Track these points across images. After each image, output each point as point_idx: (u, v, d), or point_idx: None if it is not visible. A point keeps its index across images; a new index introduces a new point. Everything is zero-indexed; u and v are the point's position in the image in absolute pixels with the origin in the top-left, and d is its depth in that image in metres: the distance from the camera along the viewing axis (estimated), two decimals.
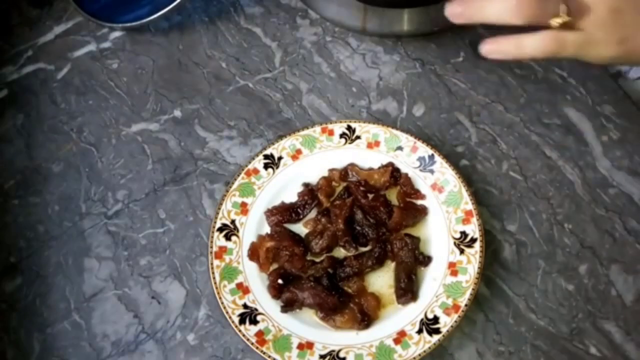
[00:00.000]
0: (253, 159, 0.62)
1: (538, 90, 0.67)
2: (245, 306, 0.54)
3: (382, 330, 0.52)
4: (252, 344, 0.51)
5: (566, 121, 0.65)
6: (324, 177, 0.61)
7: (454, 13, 0.45)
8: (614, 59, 0.46)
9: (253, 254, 0.57)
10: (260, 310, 0.54)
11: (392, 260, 0.56)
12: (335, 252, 0.57)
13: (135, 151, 0.67)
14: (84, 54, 0.76)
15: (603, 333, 0.53)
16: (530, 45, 0.43)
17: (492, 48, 0.45)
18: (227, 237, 0.58)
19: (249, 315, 0.53)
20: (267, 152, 0.62)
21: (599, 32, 0.43)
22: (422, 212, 0.58)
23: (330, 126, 0.63)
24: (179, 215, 0.62)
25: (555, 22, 0.42)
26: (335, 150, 0.62)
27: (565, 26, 0.42)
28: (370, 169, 0.61)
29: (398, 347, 0.51)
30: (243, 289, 0.55)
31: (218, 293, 0.54)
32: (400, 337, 0.51)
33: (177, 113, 0.70)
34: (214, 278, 0.55)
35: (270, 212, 0.59)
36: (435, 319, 0.52)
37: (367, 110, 0.68)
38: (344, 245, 0.56)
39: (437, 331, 0.51)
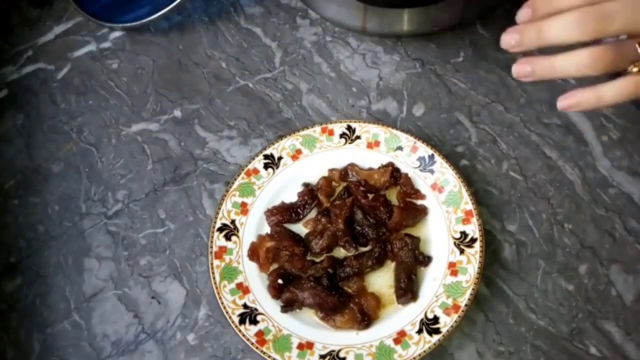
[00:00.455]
0: (253, 159, 0.62)
1: (538, 90, 0.67)
2: (245, 306, 0.54)
3: (382, 330, 0.52)
4: (252, 344, 0.51)
5: (566, 121, 0.65)
6: (324, 177, 0.61)
7: (523, 72, 0.41)
8: None
9: (253, 254, 0.57)
10: (260, 310, 0.54)
11: (392, 260, 0.56)
12: (335, 252, 0.57)
13: (135, 151, 0.67)
14: (84, 54, 0.76)
15: (603, 333, 0.53)
16: (610, 94, 0.40)
17: (570, 103, 0.42)
18: (227, 237, 0.58)
19: (249, 315, 0.53)
20: (267, 152, 0.62)
21: None
22: (422, 212, 0.58)
23: (330, 126, 0.63)
24: (179, 215, 0.62)
25: (634, 69, 0.39)
26: (335, 150, 0.62)
27: None
28: (370, 169, 0.61)
29: (398, 347, 0.51)
30: (243, 289, 0.55)
31: (218, 293, 0.54)
32: (400, 337, 0.51)
33: (177, 113, 0.70)
34: (214, 278, 0.55)
35: (270, 212, 0.59)
36: (435, 319, 0.52)
37: (367, 110, 0.68)
38: (344, 245, 0.56)
39: (437, 331, 0.51)
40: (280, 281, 0.55)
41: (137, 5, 0.74)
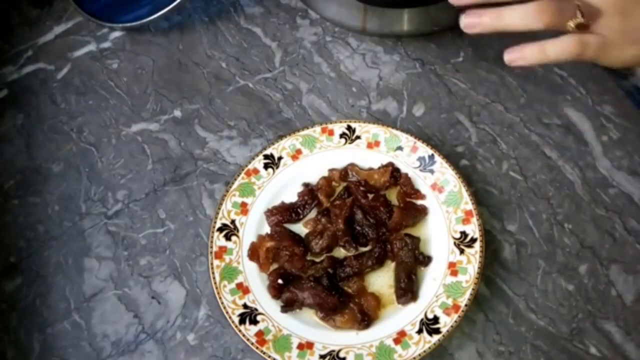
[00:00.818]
0: (253, 159, 0.62)
1: (538, 90, 0.67)
2: (245, 306, 0.54)
3: (382, 330, 0.52)
4: (252, 344, 0.51)
5: (566, 121, 0.65)
6: (324, 177, 0.61)
7: (470, 24, 0.44)
8: (635, 60, 0.46)
9: (253, 254, 0.57)
10: (260, 310, 0.54)
11: (392, 260, 0.56)
12: (335, 252, 0.57)
13: (135, 151, 0.67)
14: (84, 54, 0.76)
15: (603, 333, 0.53)
16: (553, 49, 0.43)
17: (516, 56, 0.44)
18: (227, 237, 0.58)
19: (249, 315, 0.53)
20: (267, 152, 0.62)
21: (612, 34, 0.43)
22: (422, 212, 0.58)
23: (330, 126, 0.63)
24: (179, 215, 0.62)
25: (571, 24, 0.42)
26: (335, 150, 0.62)
27: (581, 28, 0.43)
28: (370, 169, 0.61)
29: (398, 347, 0.51)
30: (243, 289, 0.55)
31: (218, 293, 0.54)
32: (400, 337, 0.51)
33: (177, 113, 0.70)
34: (214, 278, 0.55)
35: (270, 212, 0.59)
36: (435, 319, 0.52)
37: (367, 110, 0.68)
38: (344, 245, 0.56)
39: (437, 331, 0.51)
40: (280, 281, 0.55)
41: (137, 5, 0.74)
